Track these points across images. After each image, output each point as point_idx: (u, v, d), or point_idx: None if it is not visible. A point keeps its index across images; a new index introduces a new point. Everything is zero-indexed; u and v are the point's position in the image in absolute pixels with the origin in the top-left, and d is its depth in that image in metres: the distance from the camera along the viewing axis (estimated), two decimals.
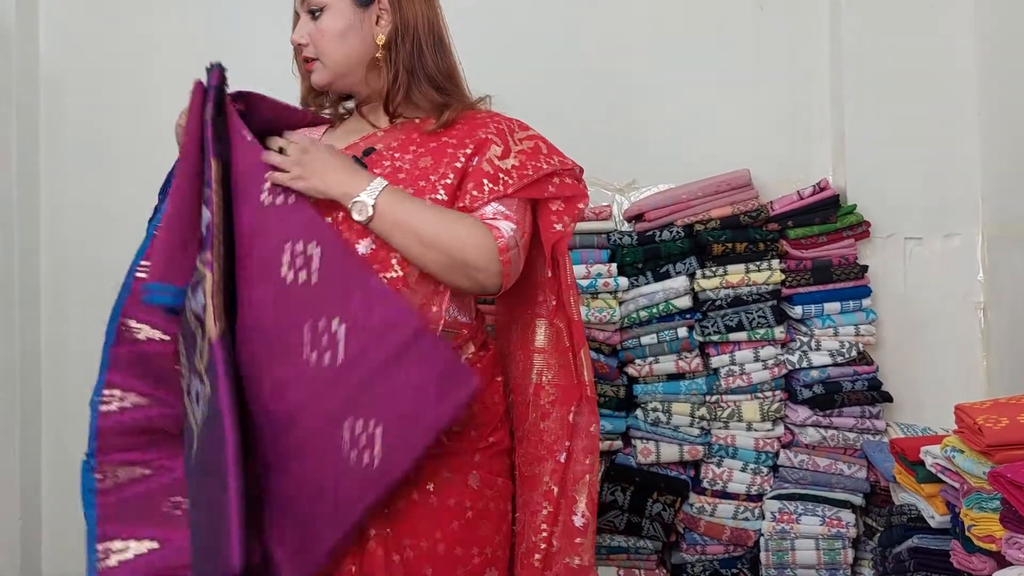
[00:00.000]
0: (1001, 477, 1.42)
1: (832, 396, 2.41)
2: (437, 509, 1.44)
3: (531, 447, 1.54)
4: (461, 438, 1.47)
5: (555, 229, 1.51)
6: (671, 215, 2.54)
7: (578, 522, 1.50)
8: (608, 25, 2.76)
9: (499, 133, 1.52)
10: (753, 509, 2.45)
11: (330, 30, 1.51)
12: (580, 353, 1.53)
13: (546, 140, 1.57)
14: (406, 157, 1.50)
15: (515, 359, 1.61)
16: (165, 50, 2.83)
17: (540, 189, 1.51)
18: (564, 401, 1.53)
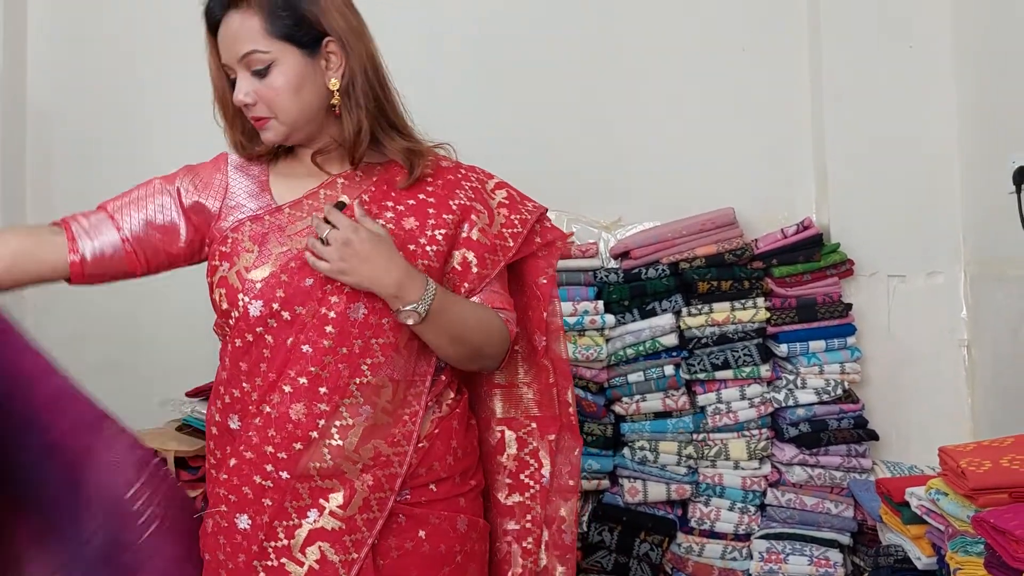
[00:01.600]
0: (985, 522, 1.42)
1: (818, 434, 2.42)
2: (430, 556, 1.42)
3: (508, 476, 1.56)
4: (447, 485, 1.46)
5: (547, 274, 1.56)
6: (657, 253, 2.55)
7: (567, 539, 1.55)
8: (595, 65, 2.79)
9: (476, 193, 1.52)
10: (741, 549, 2.44)
11: (284, 87, 1.39)
12: (567, 390, 1.56)
13: (511, 186, 1.58)
14: (386, 215, 1.45)
15: (478, 396, 1.60)
16: (153, 88, 2.84)
17: (529, 244, 1.54)
18: (543, 431, 1.56)
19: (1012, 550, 1.35)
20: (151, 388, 2.50)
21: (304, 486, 1.37)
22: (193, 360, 2.61)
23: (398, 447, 1.40)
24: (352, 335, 1.38)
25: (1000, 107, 2.37)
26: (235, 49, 1.40)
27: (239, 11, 1.39)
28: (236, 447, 1.40)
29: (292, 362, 1.37)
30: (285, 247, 1.42)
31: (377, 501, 1.39)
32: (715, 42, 2.77)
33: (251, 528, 1.37)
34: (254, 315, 1.39)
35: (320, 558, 1.36)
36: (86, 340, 2.83)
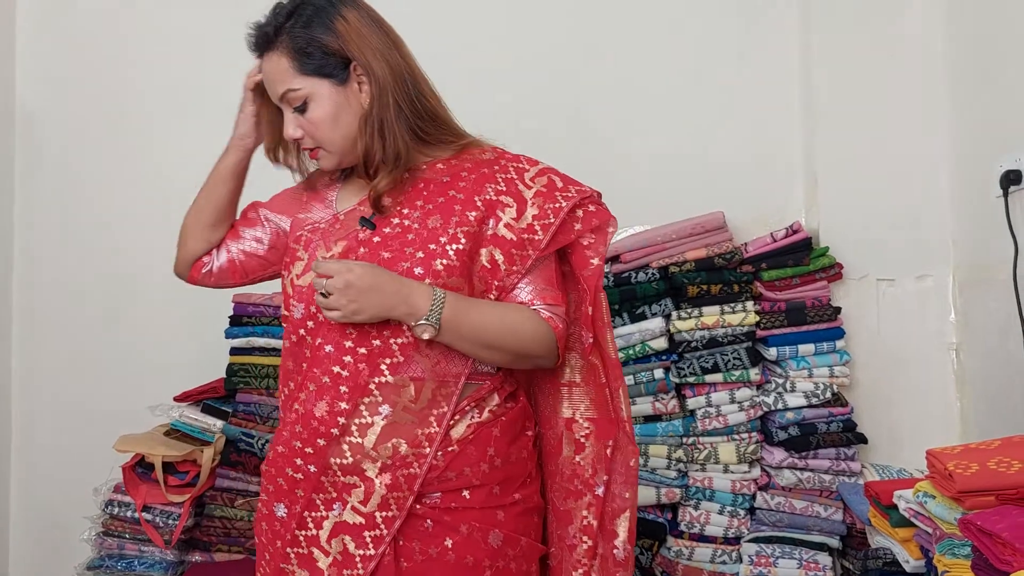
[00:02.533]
0: (971, 525, 1.42)
1: (807, 438, 2.42)
2: (454, 566, 1.41)
3: (565, 482, 1.52)
4: (482, 494, 1.44)
5: (592, 265, 1.51)
6: (646, 257, 2.55)
7: (620, 555, 1.49)
8: (586, 69, 2.80)
9: (508, 184, 1.50)
10: (731, 552, 2.44)
11: (322, 119, 1.47)
12: (619, 390, 1.52)
13: (557, 171, 1.55)
14: (414, 214, 1.48)
15: (544, 392, 1.60)
16: (144, 91, 2.84)
17: (567, 233, 1.51)
18: (600, 435, 1.52)
19: (998, 552, 1.35)
20: (140, 393, 2.50)
21: (328, 480, 1.43)
22: (182, 366, 2.63)
23: (419, 448, 1.42)
24: (371, 335, 1.43)
25: (989, 112, 2.37)
26: (274, 90, 1.49)
27: (271, 53, 1.48)
28: (277, 438, 1.50)
29: (317, 362, 1.44)
30: (329, 252, 1.49)
31: (396, 500, 1.41)
32: (706, 47, 2.78)
33: (287, 517, 1.45)
34: (297, 317, 1.48)
35: (343, 550, 1.42)
36: (76, 345, 2.83)
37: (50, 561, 2.69)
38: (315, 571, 1.43)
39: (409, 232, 1.46)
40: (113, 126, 2.85)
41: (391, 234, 1.47)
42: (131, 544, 2.29)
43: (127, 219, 2.84)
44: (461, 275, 1.44)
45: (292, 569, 1.45)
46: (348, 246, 1.48)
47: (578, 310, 1.54)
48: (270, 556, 1.48)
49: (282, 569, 1.45)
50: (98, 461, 2.35)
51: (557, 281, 1.52)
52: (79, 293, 2.84)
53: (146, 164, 2.83)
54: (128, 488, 2.28)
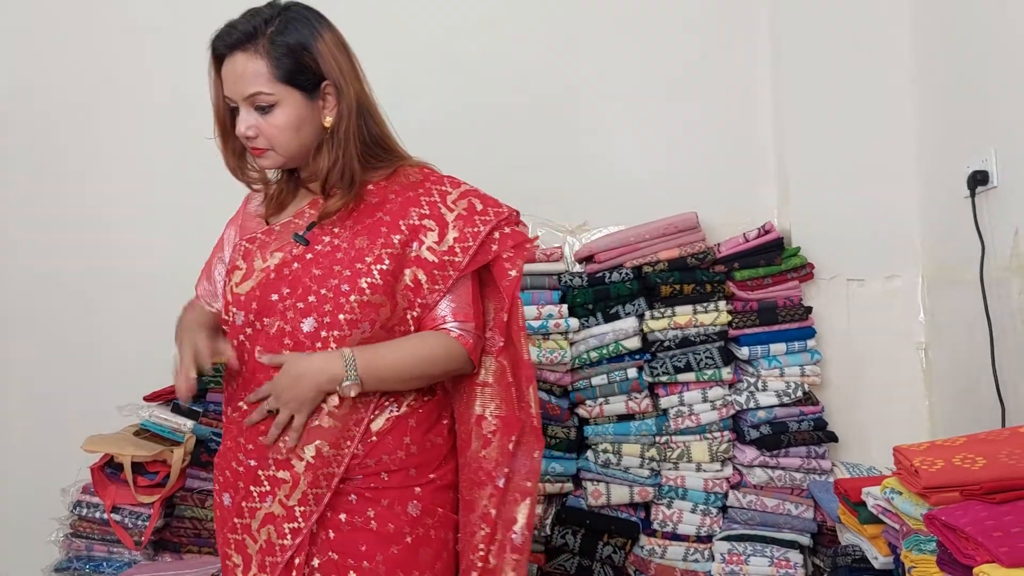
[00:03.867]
0: (936, 520, 1.43)
1: (779, 436, 2.43)
2: (377, 534, 1.53)
3: (471, 473, 1.62)
4: (400, 476, 1.57)
5: (510, 276, 1.62)
6: (621, 257, 2.56)
7: (517, 540, 1.59)
8: (559, 70, 2.80)
9: (431, 207, 1.60)
10: (703, 550, 2.45)
11: (285, 126, 1.54)
12: (528, 389, 1.63)
13: (479, 192, 1.65)
14: (344, 234, 1.58)
15: (459, 391, 1.69)
16: (116, 83, 2.82)
17: (485, 254, 1.61)
18: (506, 431, 1.62)
19: (962, 547, 1.36)
20: (109, 393, 2.48)
21: (264, 474, 1.55)
22: (151, 366, 2.60)
23: (339, 449, 1.54)
24: (304, 346, 1.54)
25: (956, 114, 2.40)
26: (240, 88, 1.52)
27: (245, 52, 1.52)
28: (226, 434, 1.63)
29: (260, 369, 1.56)
30: (265, 263, 1.59)
31: (315, 495, 1.54)
32: (679, 48, 2.79)
33: (231, 505, 1.58)
34: (238, 323, 1.59)
35: (267, 539, 1.54)
36: (45, 346, 2.80)
37: (16, 563, 2.66)
38: (246, 556, 1.56)
39: (338, 251, 1.57)
40: (83, 123, 2.82)
41: (322, 251, 1.58)
42: (100, 545, 2.27)
43: (99, 216, 2.82)
44: (384, 293, 1.55)
45: (230, 553, 1.58)
46: (284, 258, 1.59)
47: (498, 315, 1.65)
48: (220, 541, 1.62)
49: (226, 552, 1.60)
50: (66, 461, 2.33)
51: (474, 298, 1.63)
52: (49, 292, 2.81)
53: (120, 158, 2.82)
54: (97, 489, 2.26)
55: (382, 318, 1.55)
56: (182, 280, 2.61)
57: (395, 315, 1.57)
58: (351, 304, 1.52)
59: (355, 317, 1.53)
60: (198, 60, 1.69)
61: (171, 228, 2.78)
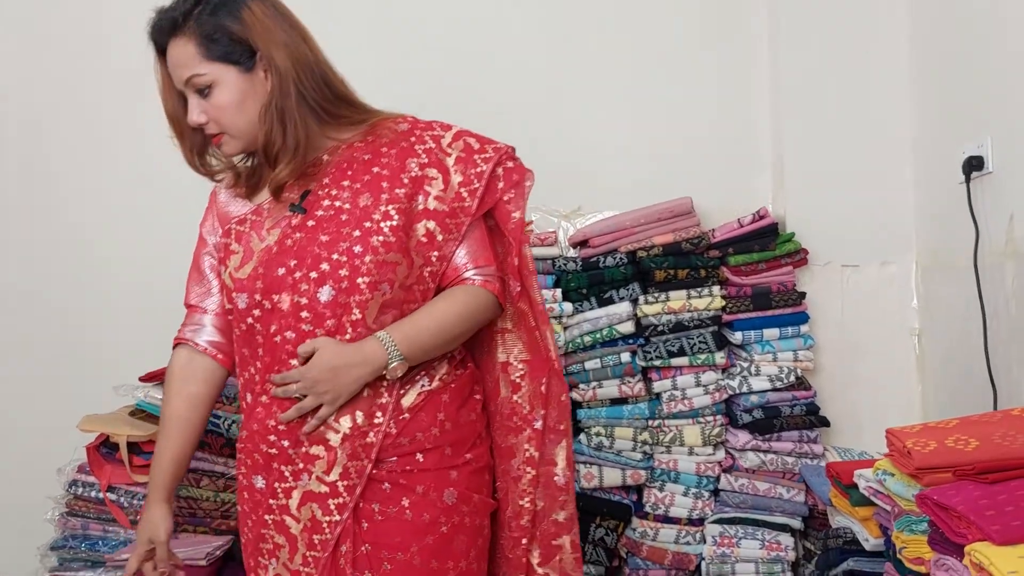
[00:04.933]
0: (928, 500, 1.45)
1: (771, 420, 2.45)
2: (412, 524, 1.50)
3: (505, 419, 1.62)
4: (435, 456, 1.53)
5: (514, 219, 1.60)
6: (615, 241, 2.57)
7: (560, 481, 1.61)
8: (555, 54, 2.80)
9: (429, 155, 1.56)
10: (695, 533, 2.47)
11: (227, 104, 1.51)
12: (547, 332, 1.61)
13: (471, 132, 1.62)
14: (343, 195, 1.54)
15: (479, 340, 1.67)
16: (98, 74, 2.81)
17: (493, 193, 1.59)
18: (534, 374, 1.61)
19: (954, 525, 1.38)
20: (104, 373, 2.47)
21: (297, 452, 1.51)
22: (146, 345, 2.60)
23: (373, 418, 1.51)
24: (324, 316, 1.50)
25: (951, 99, 2.41)
26: (178, 74, 1.52)
27: (177, 38, 1.51)
28: (249, 419, 1.57)
29: (282, 347, 1.51)
30: (264, 242, 1.55)
31: (355, 469, 1.50)
32: (675, 32, 2.79)
33: (265, 488, 1.54)
34: (242, 307, 1.55)
35: (311, 517, 1.51)
36: (39, 325, 2.80)
37: (12, 541, 2.66)
38: (289, 536, 1.52)
39: (342, 213, 1.53)
40: (76, 108, 2.81)
41: (325, 216, 1.53)
42: (96, 524, 2.27)
43: (97, 192, 2.82)
44: (399, 250, 1.50)
45: (271, 534, 1.54)
46: (283, 232, 1.54)
47: (505, 261, 1.63)
48: (252, 523, 1.58)
49: (263, 534, 1.55)
50: (61, 441, 2.33)
51: (487, 240, 1.61)
52: (45, 270, 2.80)
53: (110, 139, 2.81)
54: (92, 468, 2.26)
55: (400, 277, 1.50)
56: (178, 260, 2.62)
57: (412, 272, 1.52)
58: (367, 265, 1.48)
59: (374, 279, 1.48)
60: None
61: (169, 210, 2.77)
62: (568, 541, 1.62)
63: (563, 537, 1.62)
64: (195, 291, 1.68)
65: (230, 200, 1.65)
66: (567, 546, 1.62)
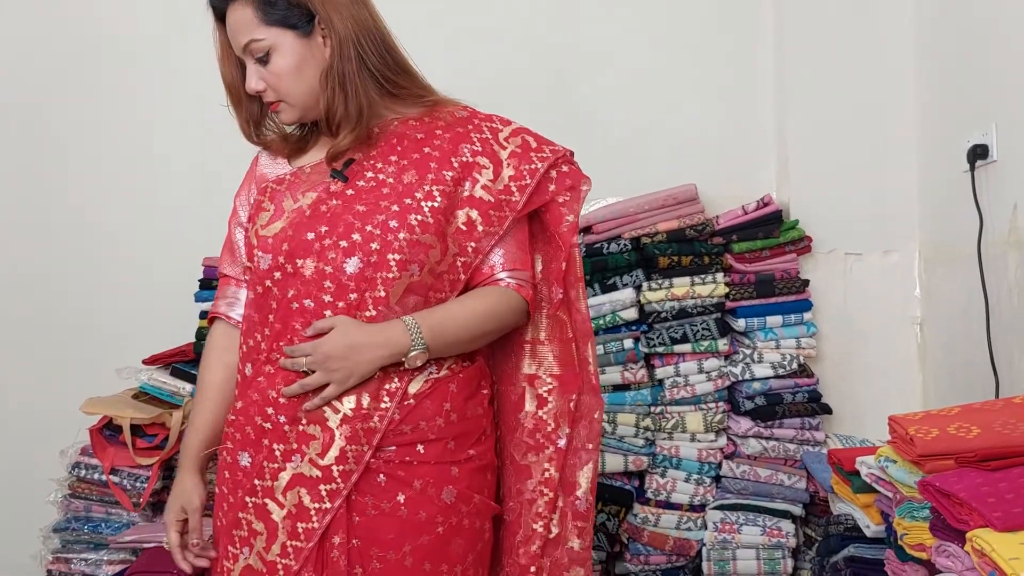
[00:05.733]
0: (930, 486, 1.45)
1: (773, 408, 2.45)
2: (406, 521, 1.41)
3: (526, 436, 1.53)
4: (437, 448, 1.44)
5: (567, 222, 1.53)
6: (619, 228, 2.57)
7: (581, 507, 1.51)
8: (560, 40, 2.79)
9: (484, 144, 1.51)
10: (696, 519, 2.48)
11: (285, 70, 1.46)
12: (587, 344, 1.54)
13: (530, 131, 1.57)
14: (388, 169, 1.48)
15: (504, 350, 1.60)
16: (97, 50, 2.81)
17: (542, 194, 1.52)
18: (564, 390, 1.53)
19: (956, 512, 1.38)
20: (108, 356, 2.48)
21: (293, 430, 1.42)
22: (149, 328, 2.61)
23: (380, 402, 1.42)
24: (348, 288, 1.43)
25: (956, 87, 2.41)
26: (237, 40, 1.47)
27: (235, 3, 1.46)
28: (246, 390, 1.48)
29: (297, 315, 1.44)
30: (297, 203, 1.49)
31: (353, 454, 1.41)
32: (680, 20, 2.78)
33: (251, 466, 1.45)
34: (263, 268, 1.47)
35: (298, 503, 1.41)
36: (43, 308, 2.80)
37: (15, 523, 2.67)
38: (269, 523, 1.42)
39: (384, 186, 1.47)
40: (77, 91, 2.81)
41: (365, 187, 1.47)
42: (98, 506, 2.28)
43: (97, 178, 2.82)
44: (435, 233, 1.44)
45: (249, 519, 1.44)
46: (318, 197, 1.48)
47: (548, 267, 1.56)
48: (229, 506, 1.48)
49: (239, 519, 1.45)
50: (64, 423, 2.34)
51: (528, 245, 1.54)
52: (48, 253, 2.81)
53: (113, 121, 2.81)
54: (96, 450, 2.27)
55: (431, 261, 1.44)
56: (182, 243, 2.63)
57: (444, 260, 1.45)
58: (400, 242, 1.41)
59: (405, 257, 1.41)
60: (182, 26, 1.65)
61: (172, 193, 2.78)
62: (582, 574, 1.52)
63: (577, 569, 1.51)
64: (227, 261, 1.63)
65: (270, 163, 1.60)
66: None
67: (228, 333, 1.59)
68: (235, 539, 1.45)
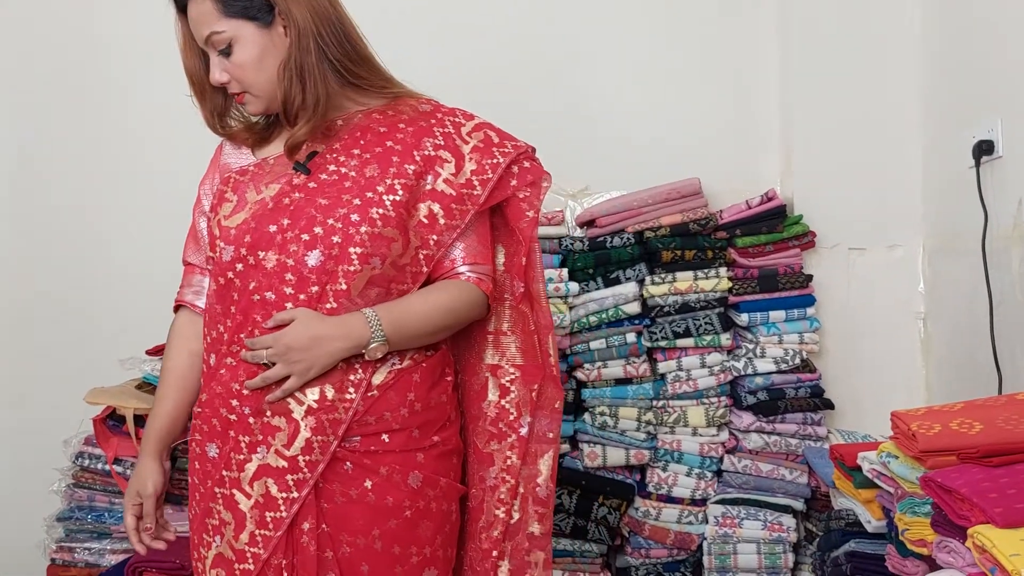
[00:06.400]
0: (932, 482, 1.45)
1: (776, 402, 2.46)
2: (374, 507, 1.45)
3: (489, 424, 1.57)
4: (402, 437, 1.47)
5: (527, 217, 1.55)
6: (622, 221, 2.57)
7: (542, 493, 1.55)
8: (564, 33, 2.79)
9: (446, 139, 1.53)
10: (697, 513, 2.48)
11: (248, 61, 1.48)
12: (547, 338, 1.56)
13: (493, 126, 1.59)
14: (351, 162, 1.50)
15: (467, 340, 1.63)
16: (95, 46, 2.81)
17: (504, 189, 1.54)
18: (526, 380, 1.57)
19: (957, 508, 1.38)
20: (111, 346, 2.48)
21: (257, 422, 1.44)
22: (152, 319, 2.60)
23: (344, 393, 1.45)
24: (309, 281, 1.45)
25: (961, 82, 2.40)
26: (199, 32, 1.49)
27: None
28: (210, 382, 1.50)
29: (259, 307, 1.45)
30: (260, 195, 1.50)
31: (319, 444, 1.44)
32: (684, 12, 2.78)
33: (219, 457, 1.48)
34: (225, 260, 1.49)
35: (265, 492, 1.44)
36: (46, 299, 2.80)
37: (18, 512, 2.68)
38: (237, 513, 1.45)
39: (346, 180, 1.49)
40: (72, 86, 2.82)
41: (328, 181, 1.49)
42: (102, 496, 2.29)
43: (96, 169, 2.82)
44: (397, 226, 1.46)
45: (218, 509, 1.47)
46: (281, 189, 1.50)
47: (511, 260, 1.59)
48: (201, 496, 1.51)
49: (210, 508, 1.49)
50: (67, 413, 2.34)
51: (489, 239, 1.56)
52: (50, 244, 2.81)
53: (110, 113, 2.81)
54: (99, 440, 2.27)
55: (393, 254, 1.46)
56: (184, 234, 2.62)
57: (406, 253, 1.48)
58: (362, 236, 1.44)
59: (366, 251, 1.44)
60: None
61: (171, 183, 2.77)
62: (542, 559, 1.56)
63: (537, 553, 1.56)
64: (192, 249, 1.65)
65: (234, 152, 1.62)
66: (540, 564, 1.56)
67: (193, 321, 1.62)
68: (208, 527, 1.49)
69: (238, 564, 1.45)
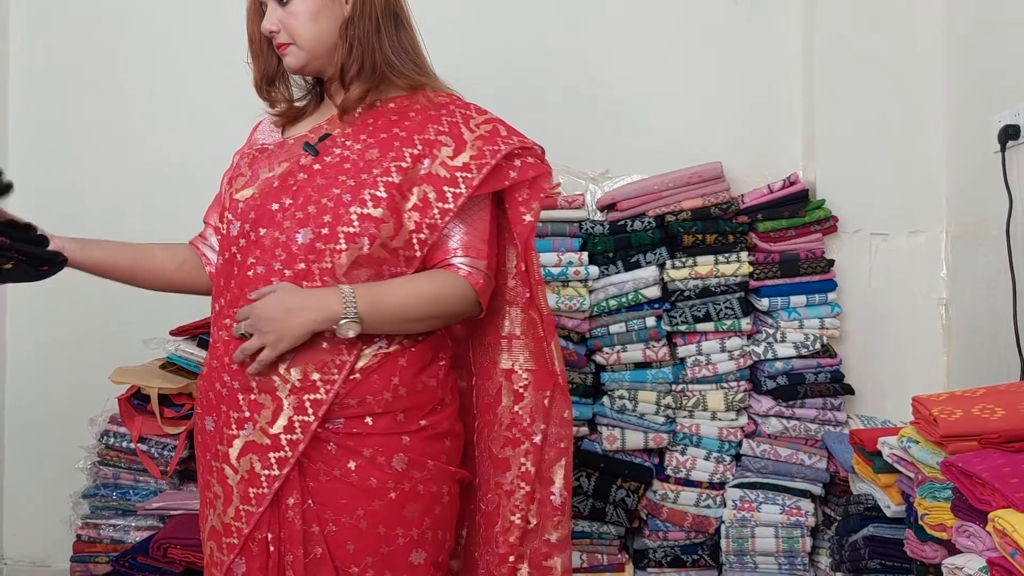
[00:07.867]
0: (953, 467, 1.46)
1: (795, 387, 2.45)
2: (357, 487, 1.45)
3: (503, 430, 1.57)
4: (385, 421, 1.47)
5: (525, 221, 1.54)
6: (643, 205, 2.56)
7: (556, 500, 1.56)
8: (585, 16, 2.78)
9: (451, 127, 1.53)
10: (715, 497, 2.49)
11: (303, 13, 1.50)
12: (552, 344, 1.57)
13: (506, 123, 1.58)
14: (355, 147, 1.52)
15: (483, 344, 1.63)
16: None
17: (501, 177, 1.53)
18: (539, 386, 1.57)
19: (978, 492, 1.38)
20: (136, 326, 2.52)
21: (245, 398, 1.47)
22: (177, 299, 2.63)
23: (328, 374, 1.45)
24: (297, 258, 1.47)
25: (987, 66, 2.38)
26: None
27: None
28: (210, 354, 1.55)
29: (251, 283, 1.48)
30: (272, 172, 1.53)
31: (300, 424, 1.45)
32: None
33: (214, 430, 1.52)
34: (233, 234, 1.53)
35: (250, 468, 1.46)
36: (71, 280, 2.83)
37: (45, 489, 2.73)
38: (226, 488, 1.49)
39: (346, 162, 1.51)
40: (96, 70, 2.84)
41: (330, 163, 1.51)
42: (127, 473, 2.33)
43: (122, 147, 2.84)
44: (388, 208, 1.46)
45: (212, 481, 1.52)
46: (289, 168, 1.53)
47: (519, 265, 1.58)
48: (202, 468, 1.57)
49: (208, 481, 1.54)
50: (93, 392, 2.38)
51: (490, 235, 1.54)
52: (75, 224, 2.83)
53: (134, 90, 2.84)
54: (124, 419, 2.30)
55: (383, 235, 1.46)
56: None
57: (399, 235, 1.47)
58: (351, 216, 1.45)
59: (355, 231, 1.45)
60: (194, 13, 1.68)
61: (196, 168, 2.79)
62: (560, 563, 1.57)
63: (555, 558, 1.57)
64: (213, 211, 1.70)
65: (267, 130, 1.65)
66: (558, 568, 1.57)
67: (186, 250, 1.69)
68: (207, 499, 1.55)
69: (225, 538, 1.49)
